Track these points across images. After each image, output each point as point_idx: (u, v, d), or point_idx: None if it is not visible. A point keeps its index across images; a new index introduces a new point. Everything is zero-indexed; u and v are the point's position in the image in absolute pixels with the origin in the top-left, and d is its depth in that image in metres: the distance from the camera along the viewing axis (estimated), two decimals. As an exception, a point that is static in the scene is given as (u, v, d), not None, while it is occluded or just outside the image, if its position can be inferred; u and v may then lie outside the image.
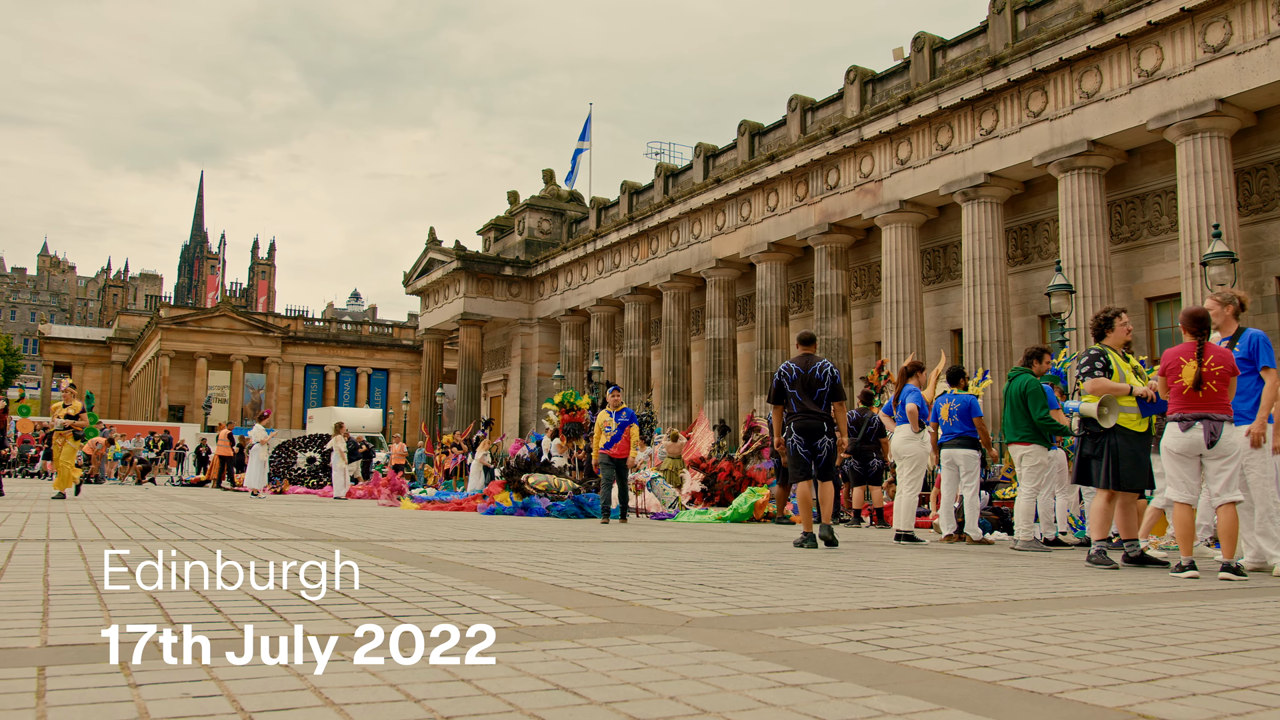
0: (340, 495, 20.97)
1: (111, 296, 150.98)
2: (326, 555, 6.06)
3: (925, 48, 24.01)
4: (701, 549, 7.89)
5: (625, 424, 13.11)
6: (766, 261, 29.03)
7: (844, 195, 26.06)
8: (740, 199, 29.99)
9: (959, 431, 10.00)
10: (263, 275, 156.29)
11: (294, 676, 2.43)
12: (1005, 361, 20.69)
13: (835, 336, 26.24)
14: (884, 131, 24.42)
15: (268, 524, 9.62)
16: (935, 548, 9.19)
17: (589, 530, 10.54)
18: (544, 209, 43.10)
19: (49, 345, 78.72)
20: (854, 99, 26.02)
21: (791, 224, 27.89)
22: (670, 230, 33.42)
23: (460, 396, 42.62)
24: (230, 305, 70.52)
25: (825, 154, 26.25)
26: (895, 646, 3.12)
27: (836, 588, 5.04)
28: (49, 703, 2.11)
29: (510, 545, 7.58)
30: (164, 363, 63.50)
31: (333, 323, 74.80)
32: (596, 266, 37.67)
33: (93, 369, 77.18)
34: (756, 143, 30.32)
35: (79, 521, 8.89)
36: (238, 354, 65.53)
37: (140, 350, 72.60)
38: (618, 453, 13.08)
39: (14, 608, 3.48)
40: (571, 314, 39.49)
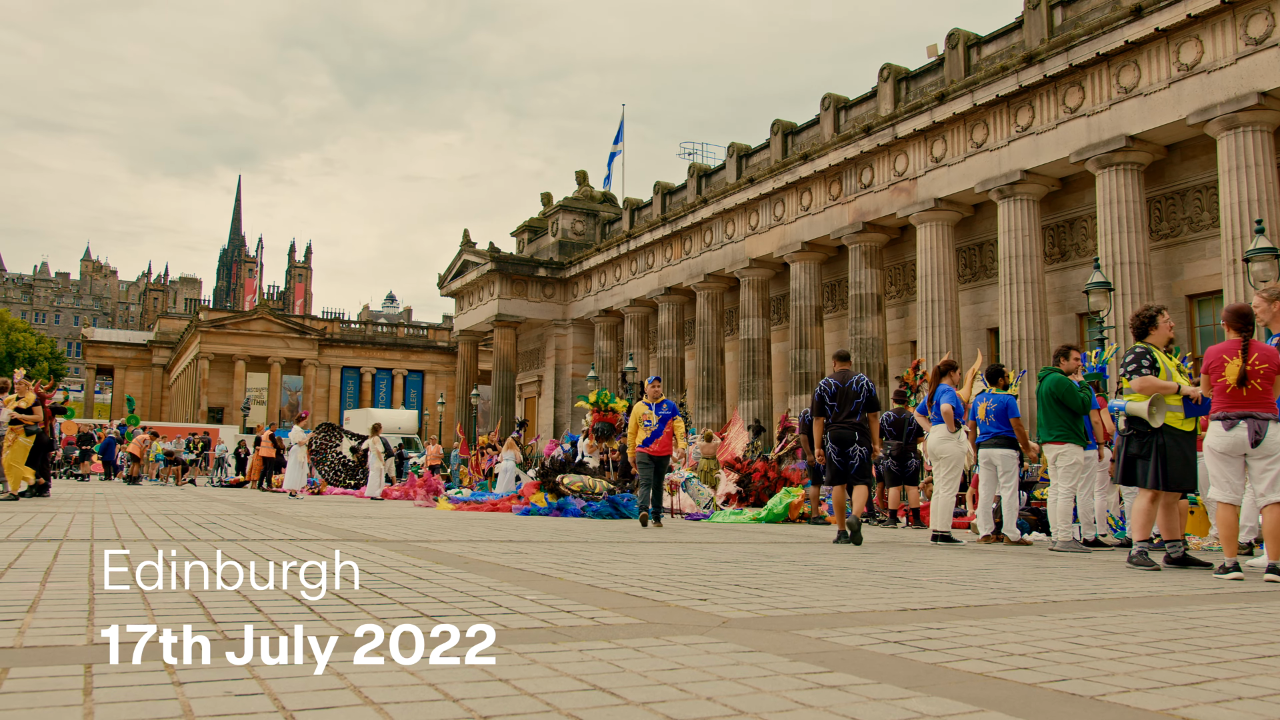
0: (375, 495, 21.13)
1: (152, 300, 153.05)
2: (364, 556, 6.12)
3: (960, 44, 23.83)
4: (737, 550, 7.87)
5: (667, 418, 11.73)
6: (800, 261, 28.92)
7: (878, 194, 25.91)
8: (774, 198, 29.90)
9: (996, 431, 9.90)
10: (299, 278, 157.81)
11: (334, 675, 2.45)
12: (1042, 360, 20.48)
13: (870, 336, 26.09)
14: (918, 129, 24.26)
15: (305, 524, 9.71)
16: (973, 548, 9.11)
17: (624, 531, 10.55)
18: (577, 210, 43.21)
19: (91, 348, 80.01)
20: (888, 97, 25.87)
21: (825, 223, 27.77)
22: (704, 230, 33.39)
23: (495, 398, 42.82)
24: (268, 308, 71.29)
25: (859, 152, 26.12)
26: (933, 648, 3.10)
27: (873, 588, 5.01)
28: (96, 700, 2.14)
29: (545, 546, 7.61)
30: (203, 365, 64.30)
31: (368, 325, 75.41)
32: (630, 267, 37.71)
33: (134, 371, 78.32)
34: (790, 142, 30.22)
35: (122, 522, 9.02)
36: (275, 356, 66.23)
37: (180, 353, 73.58)
38: (659, 450, 11.69)
39: (61, 606, 3.54)
40: (605, 315, 39.55)
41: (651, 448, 11.72)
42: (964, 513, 13.42)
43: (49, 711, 2.04)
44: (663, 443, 11.76)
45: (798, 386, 28.26)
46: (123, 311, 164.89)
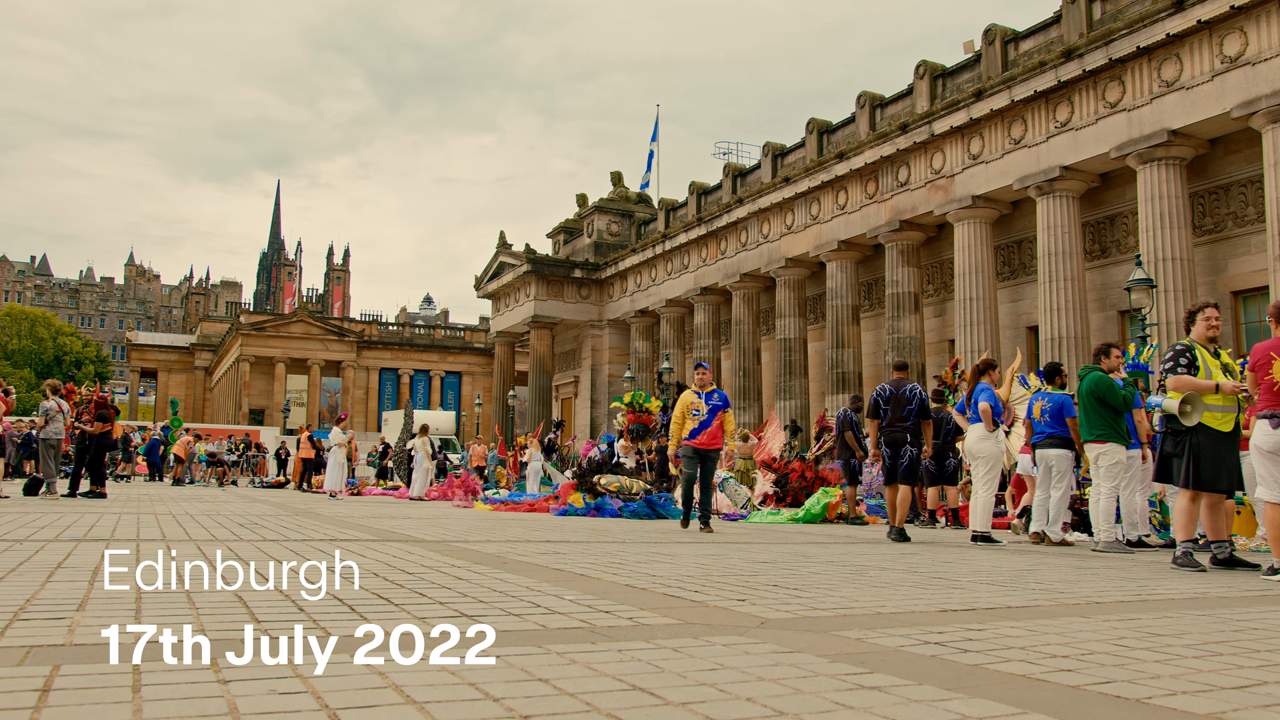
0: (418, 496, 21.30)
1: (194, 304, 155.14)
2: (404, 556, 6.16)
3: (996, 40, 23.60)
4: (775, 550, 7.85)
5: (718, 408, 10.70)
6: (836, 260, 28.78)
7: (915, 192, 25.73)
8: (809, 197, 29.77)
9: (1051, 431, 9.77)
10: (338, 281, 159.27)
11: (375, 675, 2.47)
12: (1083, 359, 20.23)
13: (907, 335, 25.92)
14: (955, 126, 24.06)
15: (345, 525, 9.81)
16: (1013, 549, 9.02)
17: (662, 531, 10.56)
18: (612, 211, 43.28)
19: (136, 352, 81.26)
20: (924, 94, 25.68)
21: (861, 222, 27.62)
22: (739, 230, 33.32)
23: (532, 398, 42.98)
24: (307, 311, 72.07)
25: (895, 150, 25.95)
26: (974, 649, 3.08)
27: (913, 589, 4.98)
28: (144, 697, 2.18)
29: (583, 546, 7.63)
30: (244, 367, 65.10)
31: (406, 327, 76.00)
32: (665, 267, 37.70)
33: (177, 374, 79.45)
34: (825, 140, 30.09)
35: (167, 523, 9.16)
36: (314, 358, 66.92)
37: (222, 355, 74.55)
38: (707, 443, 10.63)
39: (109, 605, 3.60)
40: (641, 315, 39.57)
41: (700, 439, 10.62)
42: (1004, 513, 13.29)
43: (99, 708, 2.08)
44: (712, 435, 10.67)
45: (834, 386, 28.12)
46: (165, 315, 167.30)
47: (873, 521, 14.52)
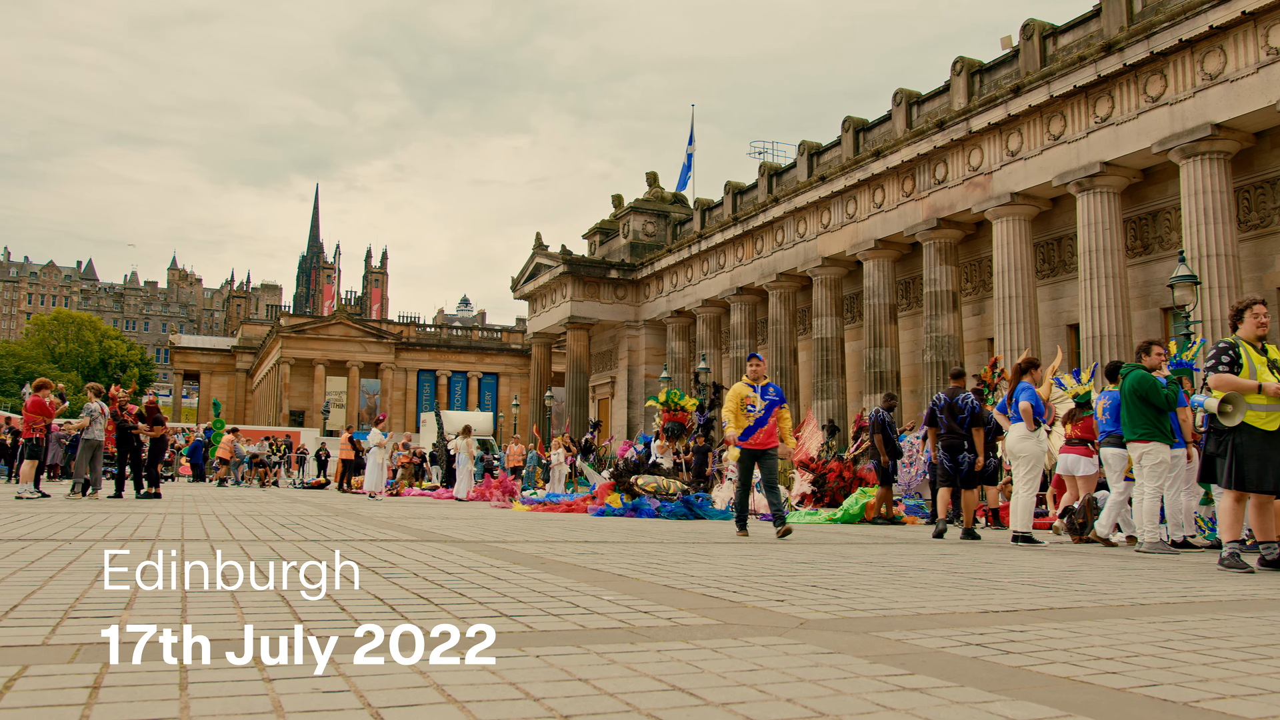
0: (462, 496, 21.45)
1: (235, 307, 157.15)
2: (443, 556, 6.21)
3: (1035, 35, 23.35)
4: (812, 550, 7.82)
5: (775, 404, 9.84)
6: (873, 259, 28.61)
7: (952, 189, 25.52)
8: (845, 196, 29.62)
9: (1112, 430, 9.67)
10: (376, 283, 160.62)
11: (417, 674, 2.49)
12: (1125, 357, 19.97)
13: (945, 334, 25.71)
14: (993, 123, 23.83)
15: (385, 525, 9.89)
16: (1054, 549, 8.93)
17: (699, 532, 10.55)
18: (648, 211, 43.30)
19: (179, 354, 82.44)
20: (961, 90, 25.46)
21: (899, 220, 27.44)
22: (775, 230, 33.21)
23: (569, 399, 43.10)
24: (346, 313, 72.75)
25: (932, 148, 25.76)
26: (1017, 651, 3.05)
27: (953, 590, 4.94)
28: (191, 694, 2.21)
29: (621, 546, 7.64)
30: (284, 369, 65.83)
31: (443, 328, 76.51)
32: (701, 267, 37.67)
33: (219, 376, 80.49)
34: (861, 138, 29.92)
35: (210, 523, 9.28)
36: (353, 360, 67.55)
37: (262, 358, 75.42)
38: (764, 442, 9.78)
39: (156, 604, 3.66)
40: (677, 315, 39.56)
41: (755, 439, 9.76)
42: (1045, 513, 13.14)
43: (148, 705, 2.11)
44: (769, 433, 9.80)
45: (872, 385, 27.96)
46: (208, 318, 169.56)
47: (911, 522, 14.43)
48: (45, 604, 3.60)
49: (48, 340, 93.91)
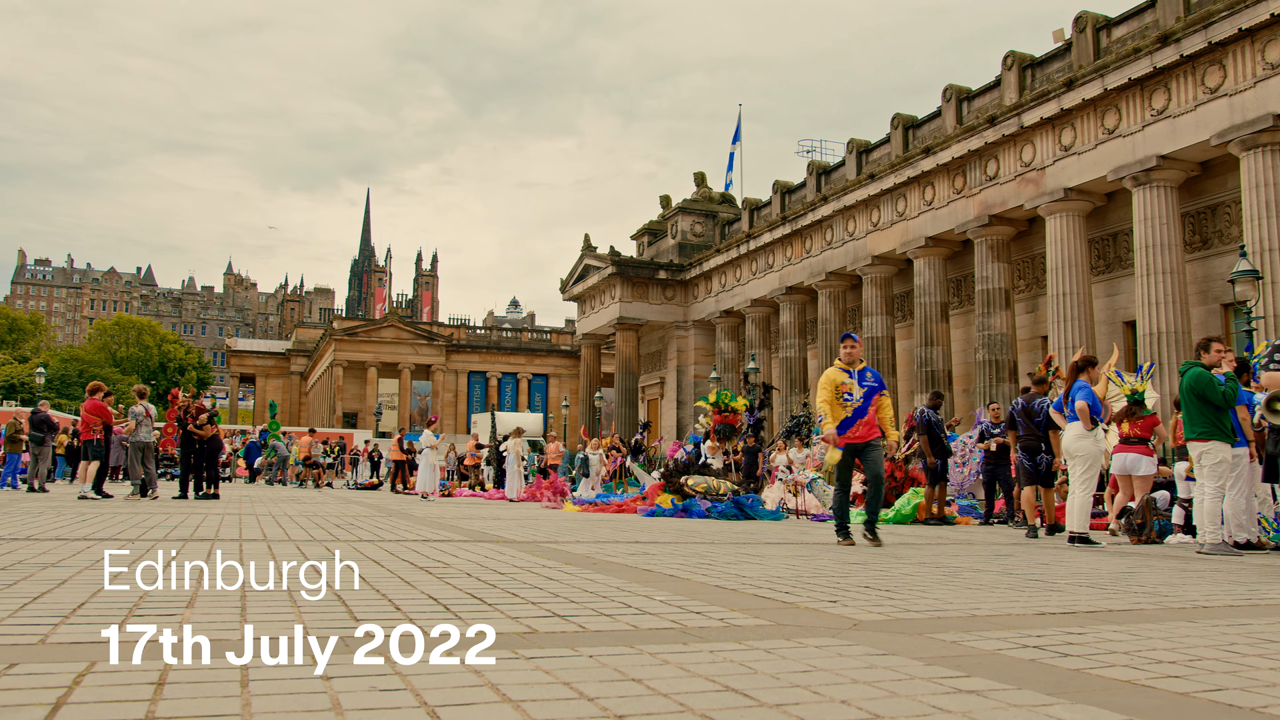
0: (512, 497, 21.58)
1: (289, 310, 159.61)
2: (495, 556, 6.25)
3: (1088, 27, 22.96)
4: (865, 551, 7.77)
5: (875, 390, 8.75)
6: (924, 257, 28.32)
7: (1004, 186, 25.18)
8: (895, 194, 29.36)
9: None
10: (426, 286, 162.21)
11: (472, 673, 2.51)
12: (1184, 354, 19.56)
13: (998, 332, 25.38)
14: (1045, 117, 23.48)
15: (438, 526, 9.98)
16: (1112, 550, 8.78)
17: (750, 532, 10.52)
18: (696, 211, 43.25)
19: (235, 358, 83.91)
20: (1012, 85, 25.12)
21: (949, 217, 27.14)
22: (824, 228, 33.02)
23: (618, 400, 43.19)
24: (397, 316, 73.53)
25: (983, 144, 25.44)
26: (1075, 653, 3.01)
27: (1009, 591, 4.88)
28: (252, 692, 2.26)
29: (672, 547, 7.64)
30: (338, 372, 66.69)
31: (493, 330, 77.06)
32: (750, 267, 37.55)
33: (274, 379, 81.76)
34: (910, 135, 29.64)
35: (267, 524, 9.43)
36: (405, 362, 68.26)
37: (316, 360, 76.50)
38: (865, 435, 8.65)
39: (216, 603, 3.73)
40: (726, 315, 39.47)
41: (855, 432, 8.61)
42: (1102, 513, 12.93)
43: (211, 702, 2.15)
44: (869, 424, 8.68)
45: (924, 385, 27.67)
46: (262, 322, 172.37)
47: (964, 522, 14.27)
48: (110, 603, 3.69)
49: (109, 345, 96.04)
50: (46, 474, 19.80)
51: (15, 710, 2.04)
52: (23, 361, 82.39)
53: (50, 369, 74.92)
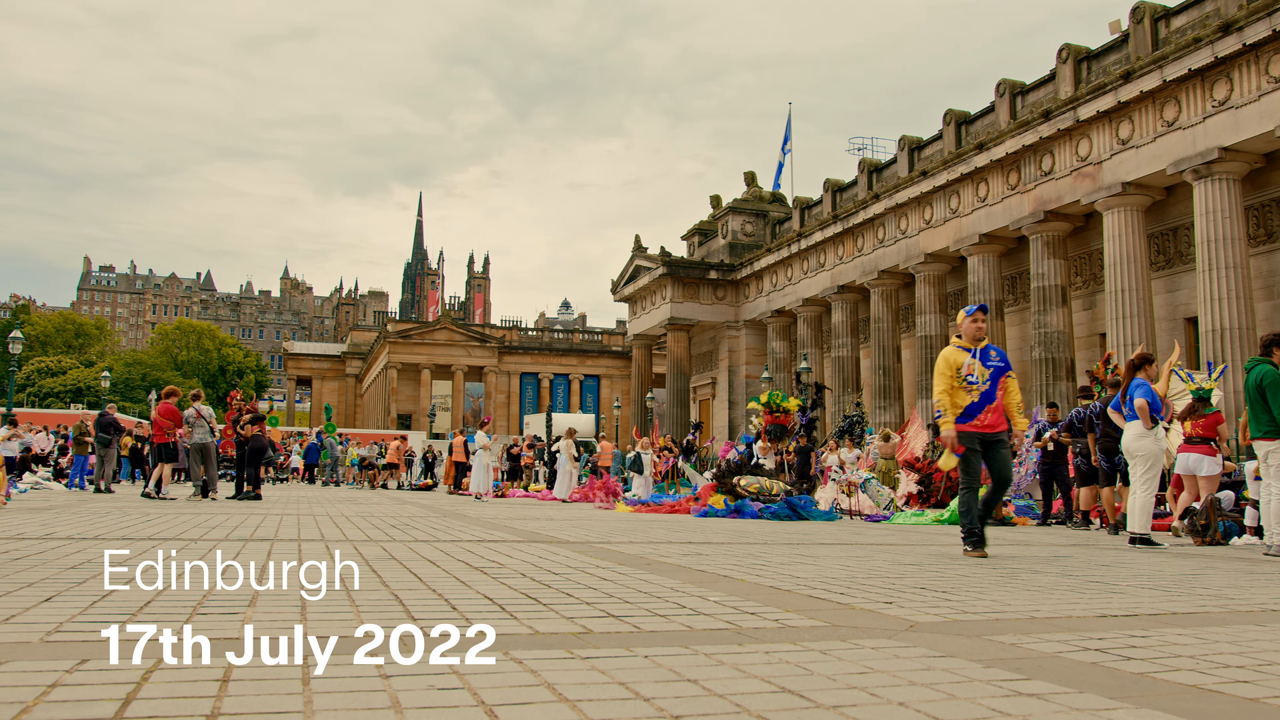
0: (564, 498, 21.68)
1: (344, 314, 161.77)
2: (550, 557, 6.29)
3: (1145, 18, 22.51)
4: (920, 552, 7.69)
5: (1001, 371, 7.45)
6: (978, 254, 27.97)
7: (1059, 181, 24.79)
8: (948, 190, 29.04)
9: None
10: (478, 288, 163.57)
11: (528, 673, 2.53)
12: (1248, 351, 19.09)
13: (1055, 330, 24.99)
14: (1102, 111, 23.06)
15: (492, 526, 10.06)
16: (1175, 552, 8.60)
17: (803, 533, 10.47)
18: (746, 211, 43.12)
19: (292, 361, 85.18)
20: (1067, 79, 24.71)
21: (1004, 214, 26.77)
22: (876, 226, 32.75)
23: (670, 400, 43.20)
24: (450, 318, 74.20)
25: (1038, 139, 25.05)
26: (1138, 657, 2.95)
27: (1068, 593, 4.81)
28: (314, 689, 2.29)
29: (725, 548, 7.63)
30: (392, 374, 67.46)
31: (545, 332, 77.44)
32: (801, 266, 37.35)
33: (329, 381, 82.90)
34: (963, 131, 29.28)
35: (324, 524, 9.57)
36: (458, 364, 68.86)
37: (370, 363, 77.44)
38: (994, 423, 7.37)
39: (277, 602, 3.80)
40: (777, 315, 39.30)
41: (982, 420, 7.33)
42: (1164, 514, 12.68)
43: (275, 699, 2.19)
44: (998, 411, 7.41)
45: (979, 383, 27.30)
46: (318, 325, 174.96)
47: (1021, 523, 14.07)
48: (175, 601, 3.77)
49: (171, 349, 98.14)
50: (112, 475, 20.28)
51: (87, 705, 2.09)
52: (89, 365, 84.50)
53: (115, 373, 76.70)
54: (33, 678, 2.36)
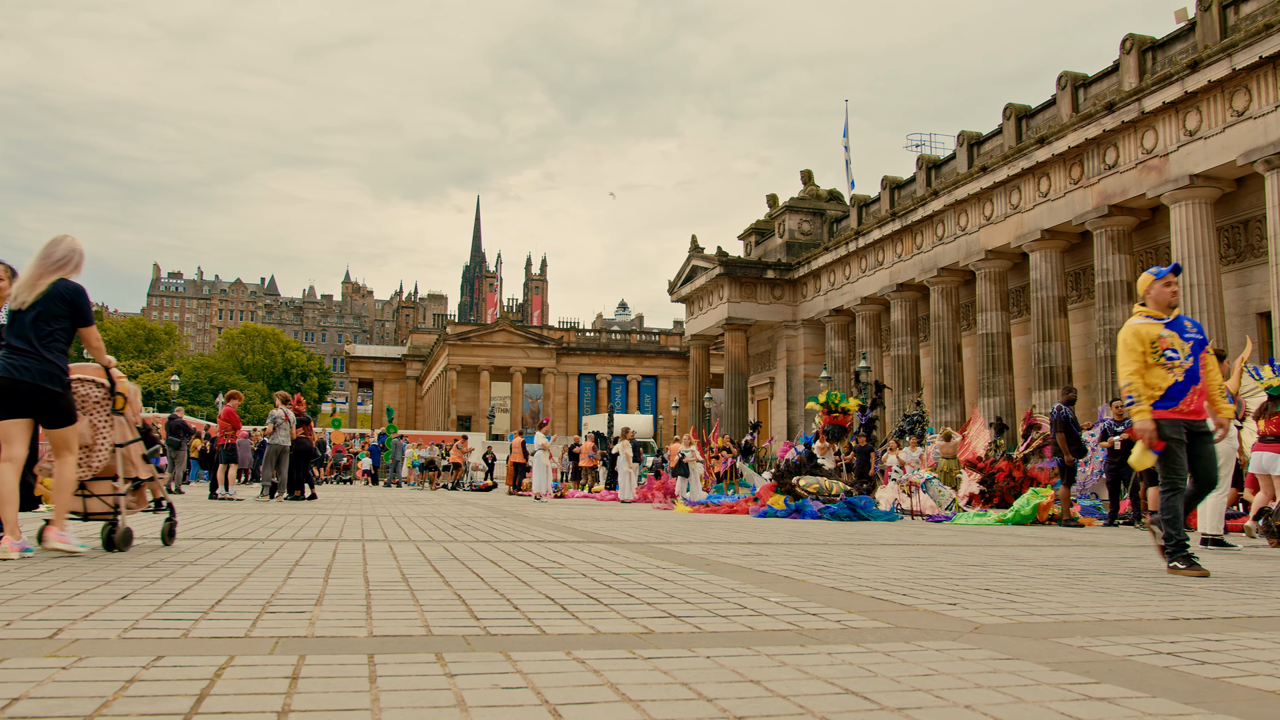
0: (626, 498, 21.72)
1: (404, 317, 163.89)
2: (610, 557, 6.31)
3: (1213, 5, 21.94)
4: (984, 553, 7.59)
5: (1201, 344, 6.25)
6: (1040, 250, 27.50)
7: (1124, 174, 24.27)
8: (1008, 186, 28.58)
9: None
10: (536, 290, 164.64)
11: (591, 673, 2.55)
12: (1326, 345, 18.54)
13: (1120, 326, 24.43)
14: (1168, 102, 22.53)
15: (552, 526, 10.12)
16: (1249, 553, 8.38)
17: (863, 533, 10.38)
18: (803, 210, 42.87)
19: (353, 364, 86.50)
20: (1131, 70, 24.18)
21: (1066, 209, 26.29)
22: (935, 223, 32.36)
23: (727, 400, 43.09)
24: (508, 320, 74.82)
25: (1101, 131, 24.55)
26: (1213, 661, 2.88)
27: (1138, 595, 4.71)
28: (380, 687, 2.33)
29: (785, 548, 7.60)
30: (451, 376, 68.16)
31: (602, 333, 77.69)
32: (859, 265, 37.03)
33: (390, 384, 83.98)
34: (1024, 125, 28.81)
35: (387, 524, 9.70)
36: (516, 366, 69.37)
37: (430, 365, 78.34)
38: (1198, 408, 6.14)
39: (343, 600, 3.86)
40: (835, 314, 39.01)
41: (1188, 404, 6.07)
42: (1237, 514, 12.35)
43: (343, 696, 2.23)
44: (1202, 395, 6.19)
45: (1042, 382, 26.86)
46: (379, 328, 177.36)
47: (1088, 523, 13.80)
48: (245, 599, 3.85)
49: (237, 353, 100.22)
50: (182, 476, 20.75)
51: (163, 700, 2.15)
52: (159, 369, 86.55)
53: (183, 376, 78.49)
54: (111, 673, 2.42)
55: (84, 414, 5.78)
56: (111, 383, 5.91)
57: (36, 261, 5.42)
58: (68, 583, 4.26)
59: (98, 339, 5.67)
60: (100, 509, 6.02)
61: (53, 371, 5.32)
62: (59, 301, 5.35)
